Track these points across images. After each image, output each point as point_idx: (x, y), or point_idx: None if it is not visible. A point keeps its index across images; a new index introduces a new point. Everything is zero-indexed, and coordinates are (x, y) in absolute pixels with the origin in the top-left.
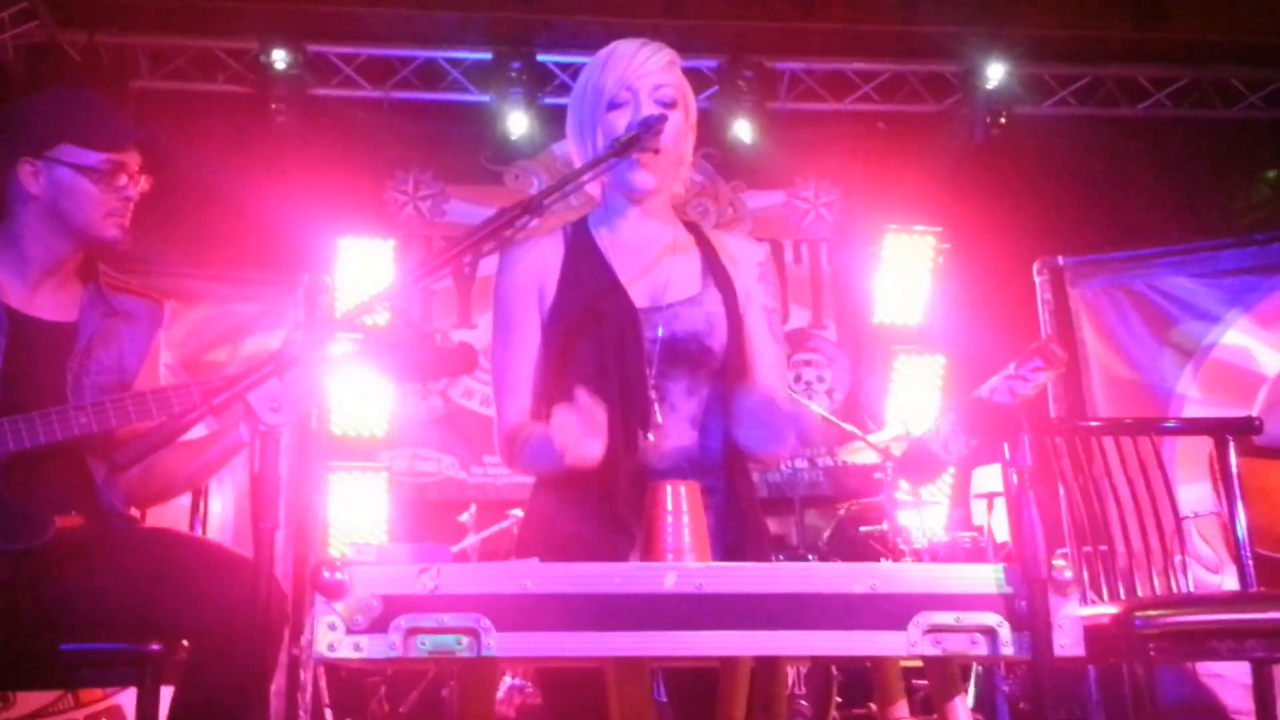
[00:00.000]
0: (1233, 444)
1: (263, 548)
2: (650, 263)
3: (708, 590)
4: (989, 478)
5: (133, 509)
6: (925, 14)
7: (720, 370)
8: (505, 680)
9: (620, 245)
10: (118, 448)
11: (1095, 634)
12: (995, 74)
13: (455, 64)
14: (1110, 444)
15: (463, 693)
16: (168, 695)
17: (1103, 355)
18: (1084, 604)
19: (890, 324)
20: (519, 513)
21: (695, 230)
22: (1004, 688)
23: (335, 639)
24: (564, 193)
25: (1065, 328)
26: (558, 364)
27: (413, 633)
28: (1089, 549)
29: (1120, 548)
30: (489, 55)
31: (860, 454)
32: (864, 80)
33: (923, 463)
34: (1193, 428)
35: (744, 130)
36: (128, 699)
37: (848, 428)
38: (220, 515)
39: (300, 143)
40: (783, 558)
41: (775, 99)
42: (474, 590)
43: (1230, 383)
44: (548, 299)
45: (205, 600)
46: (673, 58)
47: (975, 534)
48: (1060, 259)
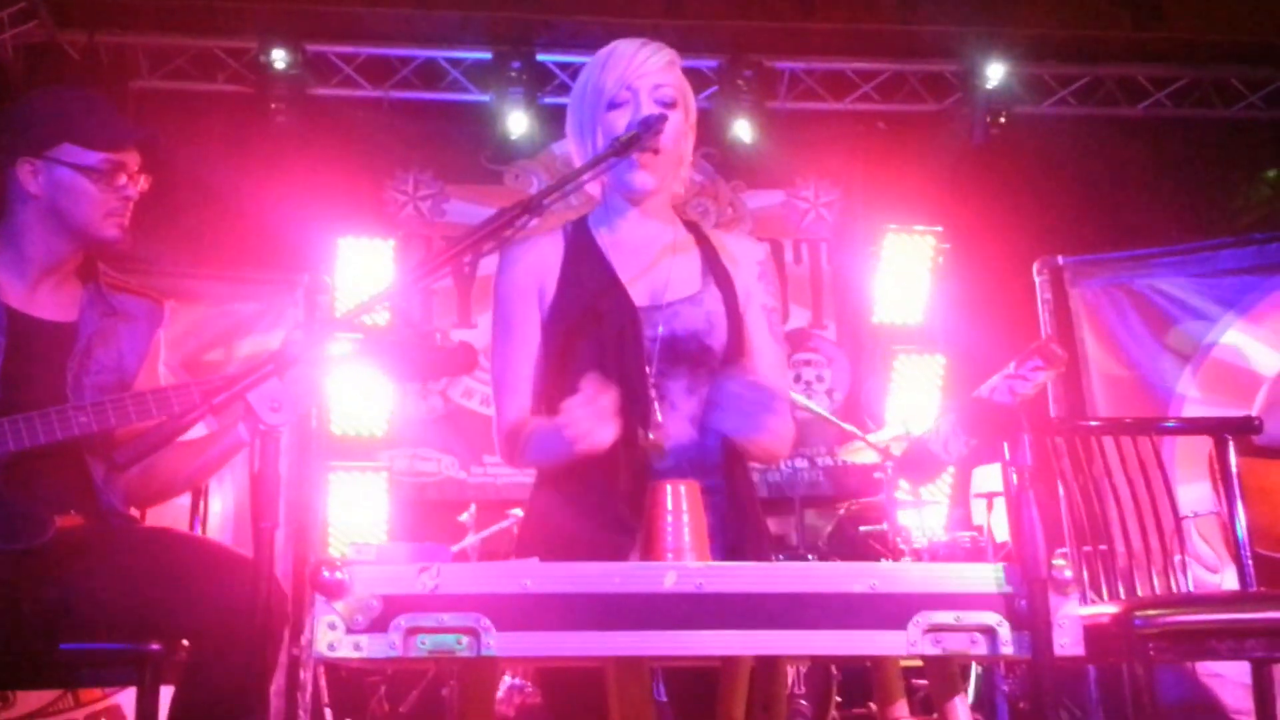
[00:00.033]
0: (1232, 443)
1: (263, 547)
2: (650, 262)
3: (708, 590)
4: (989, 477)
5: (132, 509)
6: (925, 14)
7: (720, 369)
8: (505, 680)
9: (620, 245)
10: (117, 447)
11: (1095, 633)
12: (995, 74)
13: (455, 64)
14: (1110, 443)
15: (463, 692)
16: (167, 695)
17: (1102, 355)
18: (1084, 604)
19: (890, 324)
20: (519, 512)
21: (695, 229)
22: (1003, 687)
23: (335, 638)
24: (564, 192)
25: (1065, 327)
26: (558, 363)
27: (413, 632)
28: (1089, 549)
29: (1120, 547)
30: (489, 55)
31: (860, 454)
32: (864, 80)
33: (923, 462)
34: (1192, 427)
35: (744, 130)
36: (127, 698)
37: (848, 427)
38: (220, 515)
39: (300, 142)
40: (782, 557)
41: (775, 99)
42: (474, 590)
43: (1229, 382)
44: (548, 297)
45: (205, 600)
46: (673, 58)
47: (975, 534)
48: (1060, 259)
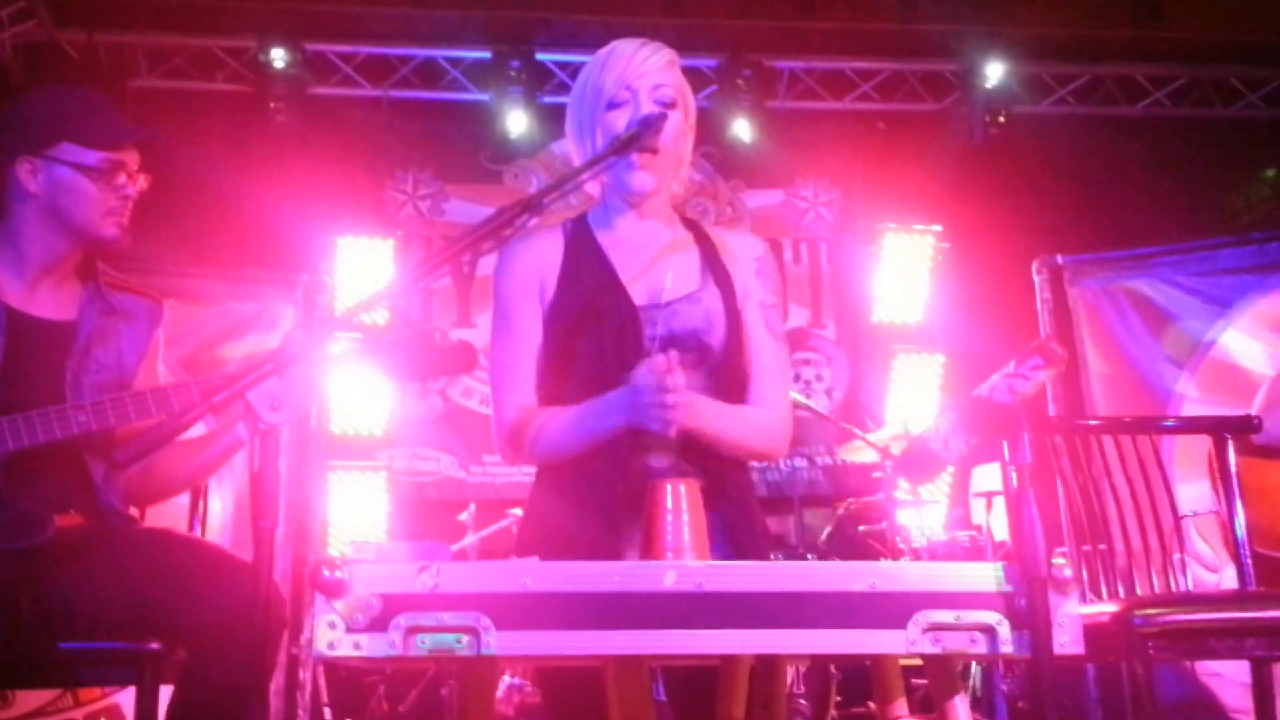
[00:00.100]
0: (1231, 443)
1: (263, 546)
2: (650, 261)
3: (707, 589)
4: (988, 477)
5: (132, 508)
6: (924, 13)
7: (719, 367)
8: (504, 679)
9: (620, 244)
10: (117, 446)
11: (1094, 633)
12: (994, 73)
13: (454, 63)
14: (1109, 443)
15: (462, 692)
16: (167, 694)
17: (1101, 354)
18: (1083, 603)
19: (889, 323)
20: (518, 512)
21: (694, 228)
22: (1002, 687)
23: (335, 637)
24: (563, 192)
25: (1064, 326)
26: (558, 361)
27: (412, 631)
28: (1088, 548)
29: (1119, 546)
30: (488, 54)
31: (859, 453)
32: (863, 79)
33: (922, 461)
34: (1192, 426)
35: (743, 129)
36: (126, 698)
37: (847, 427)
38: (219, 514)
39: (299, 142)
40: (781, 556)
41: (774, 98)
42: (474, 589)
43: (1228, 382)
44: (548, 294)
45: (203, 602)
46: (672, 57)
47: (974, 533)
48: (1059, 258)
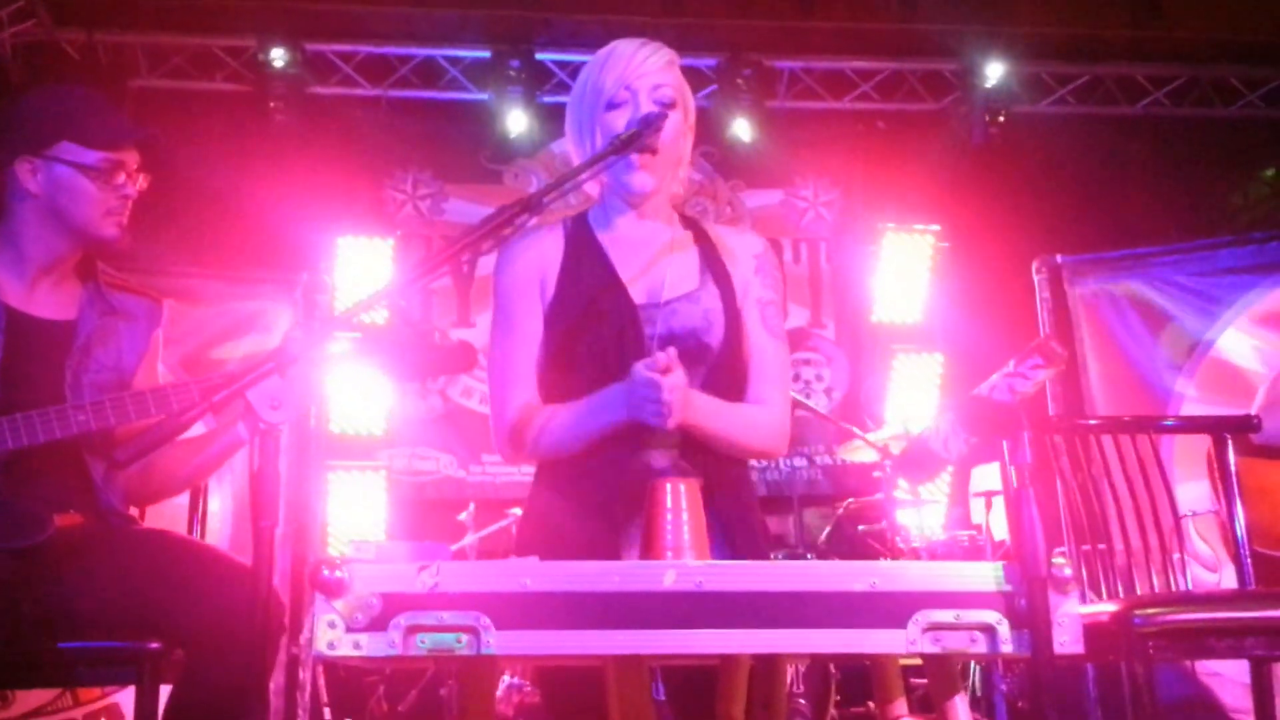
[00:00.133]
0: (1231, 442)
1: (263, 546)
2: (649, 261)
3: (707, 588)
4: (987, 476)
5: (131, 507)
6: (924, 13)
7: (717, 366)
8: (504, 679)
9: (619, 243)
10: (117, 446)
11: (1094, 632)
12: (994, 73)
13: (454, 62)
14: (1109, 442)
15: (462, 691)
16: (166, 694)
17: (1101, 354)
18: (1082, 602)
19: (889, 323)
20: (518, 511)
21: (694, 226)
22: (1002, 686)
23: (335, 637)
24: (563, 191)
25: (1064, 326)
26: (557, 360)
27: (412, 631)
28: (1087, 547)
29: (1119, 546)
30: (488, 54)
31: (859, 452)
32: (863, 79)
33: (922, 460)
34: (1191, 426)
35: (742, 129)
36: (126, 697)
37: (847, 426)
38: (218, 514)
39: (299, 141)
40: (781, 556)
41: (774, 98)
42: (474, 588)
43: (1228, 381)
44: (548, 292)
45: (201, 603)
46: (672, 58)
47: (974, 533)
48: (1059, 257)
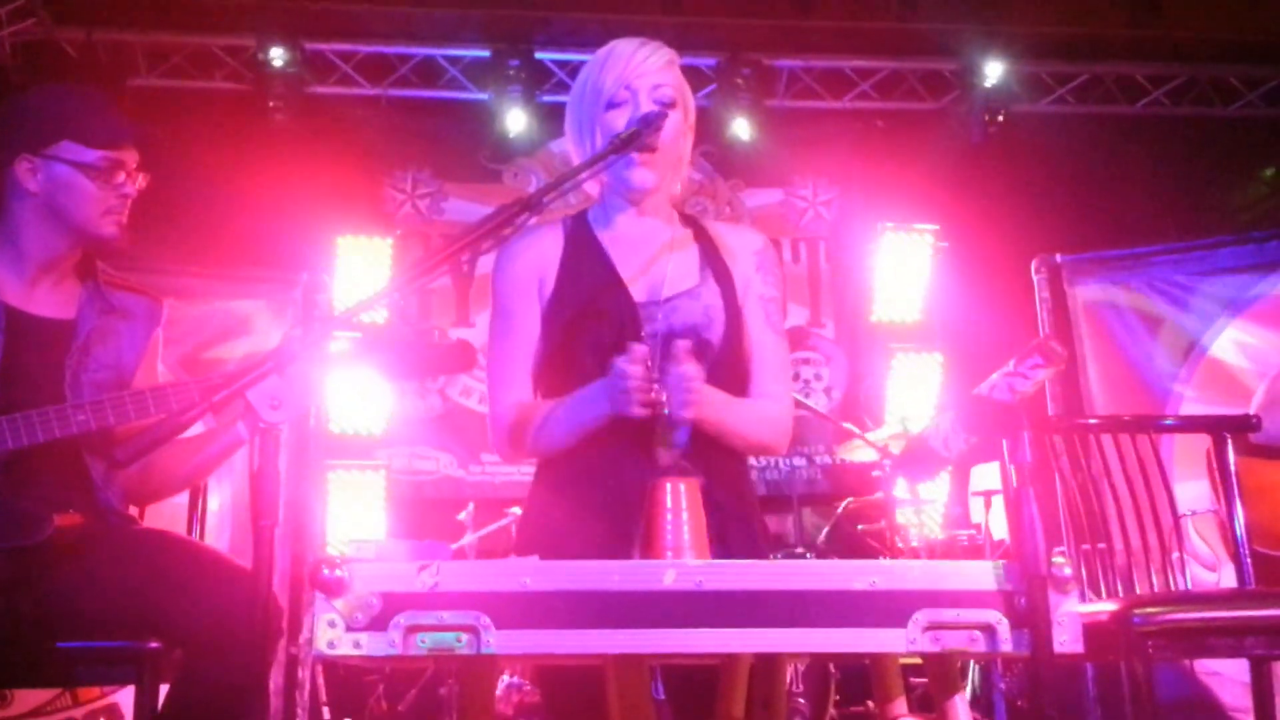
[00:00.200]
0: (1230, 441)
1: (263, 545)
2: (649, 258)
3: (707, 587)
4: (987, 476)
5: (131, 507)
6: (923, 12)
7: (718, 362)
8: (504, 678)
9: (619, 241)
10: (117, 445)
11: (1093, 631)
12: (993, 72)
13: (453, 62)
14: (1109, 441)
15: (462, 691)
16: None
17: (1100, 353)
18: (1082, 601)
19: (888, 322)
20: (517, 511)
21: (694, 224)
22: (1001, 685)
23: (335, 636)
24: (562, 190)
25: (1063, 325)
26: (557, 359)
27: (412, 630)
28: (1087, 547)
29: (1118, 545)
30: (487, 53)
31: (858, 452)
32: (862, 78)
33: (923, 459)
34: (1191, 425)
35: (742, 128)
36: (125, 697)
37: (846, 426)
38: (217, 513)
39: (298, 141)
40: (780, 556)
41: (773, 97)
42: (474, 588)
43: (1227, 381)
44: (546, 290)
45: (200, 603)
46: (671, 57)
47: (973, 532)
48: (1058, 257)
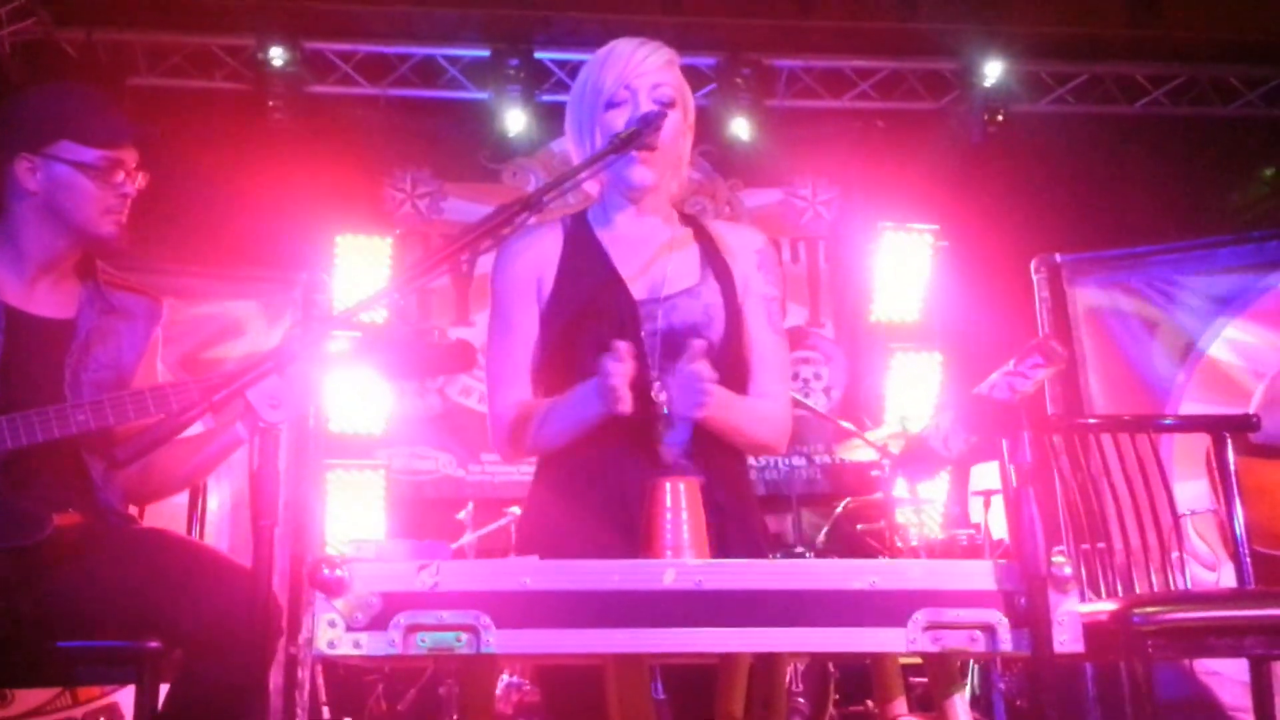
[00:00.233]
0: (1230, 441)
1: (263, 545)
2: (649, 257)
3: (707, 587)
4: (986, 475)
5: (130, 506)
6: (923, 12)
7: (718, 361)
8: (503, 678)
9: (619, 240)
10: (116, 445)
11: (1093, 631)
12: (993, 72)
13: (453, 61)
14: (1108, 441)
15: (462, 690)
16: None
17: (1100, 352)
18: (1082, 601)
19: (888, 321)
20: (516, 510)
21: (694, 223)
22: (1000, 685)
23: (335, 636)
24: (562, 190)
25: (1062, 325)
26: (557, 358)
27: (412, 630)
28: (1087, 546)
29: (1118, 545)
30: (487, 52)
31: (858, 451)
32: (862, 78)
33: (922, 459)
34: (1190, 425)
35: (742, 128)
36: (125, 697)
37: (845, 425)
38: (216, 512)
39: (298, 140)
40: (780, 555)
41: (773, 96)
42: (474, 587)
43: (1227, 380)
44: (545, 290)
45: (199, 603)
46: (671, 57)
47: (972, 532)
48: (1058, 256)
